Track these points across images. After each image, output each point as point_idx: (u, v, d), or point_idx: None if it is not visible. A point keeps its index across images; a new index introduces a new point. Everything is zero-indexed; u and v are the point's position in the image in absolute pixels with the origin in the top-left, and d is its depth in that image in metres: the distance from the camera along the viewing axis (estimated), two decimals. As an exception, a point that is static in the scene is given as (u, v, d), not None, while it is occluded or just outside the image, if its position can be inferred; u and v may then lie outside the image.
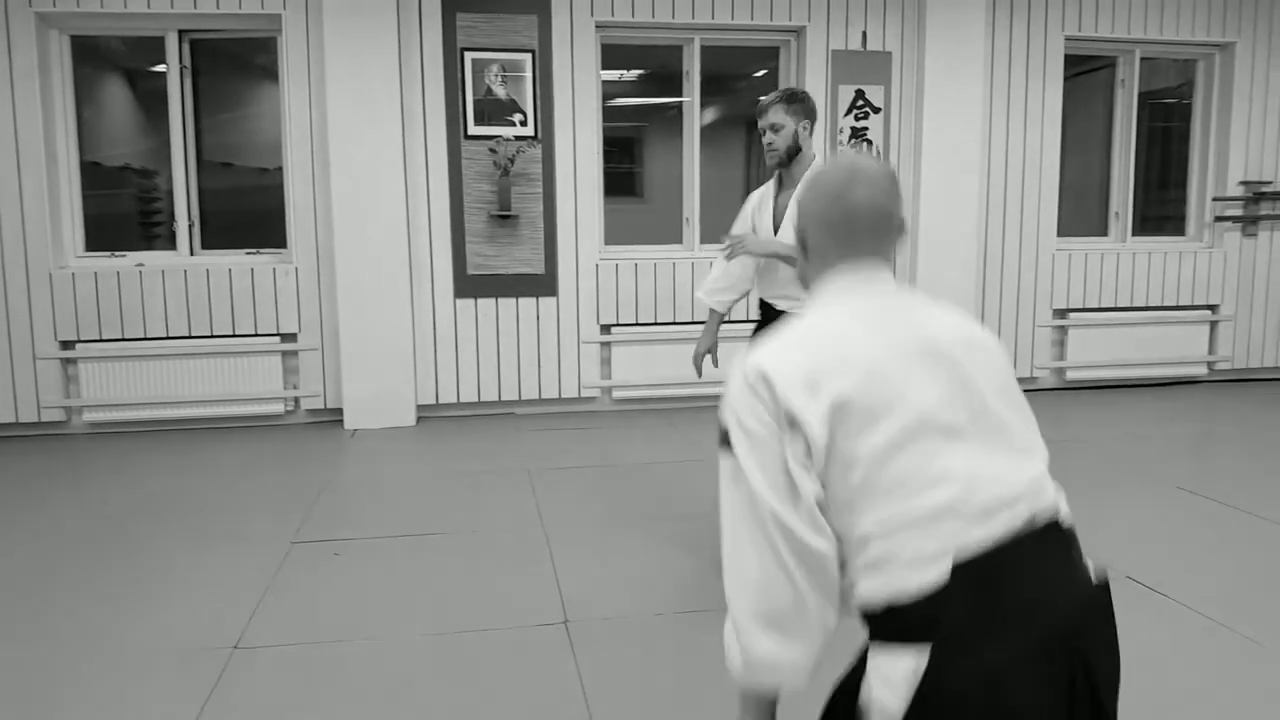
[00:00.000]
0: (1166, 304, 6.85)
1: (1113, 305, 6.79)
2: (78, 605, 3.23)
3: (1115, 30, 6.54)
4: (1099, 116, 6.95)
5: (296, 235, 5.85)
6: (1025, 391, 1.58)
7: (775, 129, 3.17)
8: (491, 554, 3.66)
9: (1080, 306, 6.76)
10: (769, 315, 3.37)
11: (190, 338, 5.78)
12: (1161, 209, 7.21)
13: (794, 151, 3.19)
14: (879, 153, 6.32)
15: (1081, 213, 6.97)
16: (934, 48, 6.19)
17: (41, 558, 3.69)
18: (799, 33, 6.24)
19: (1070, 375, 6.80)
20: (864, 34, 6.23)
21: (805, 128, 3.17)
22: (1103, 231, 6.98)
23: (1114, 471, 4.80)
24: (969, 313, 3.18)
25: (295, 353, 5.92)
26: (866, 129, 6.29)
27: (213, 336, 5.80)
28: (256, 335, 5.85)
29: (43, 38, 5.54)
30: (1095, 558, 1.32)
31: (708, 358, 3.70)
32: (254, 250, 6.01)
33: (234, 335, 5.82)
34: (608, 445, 5.46)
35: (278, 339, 5.87)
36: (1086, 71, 6.90)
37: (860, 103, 6.27)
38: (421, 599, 3.24)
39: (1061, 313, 6.77)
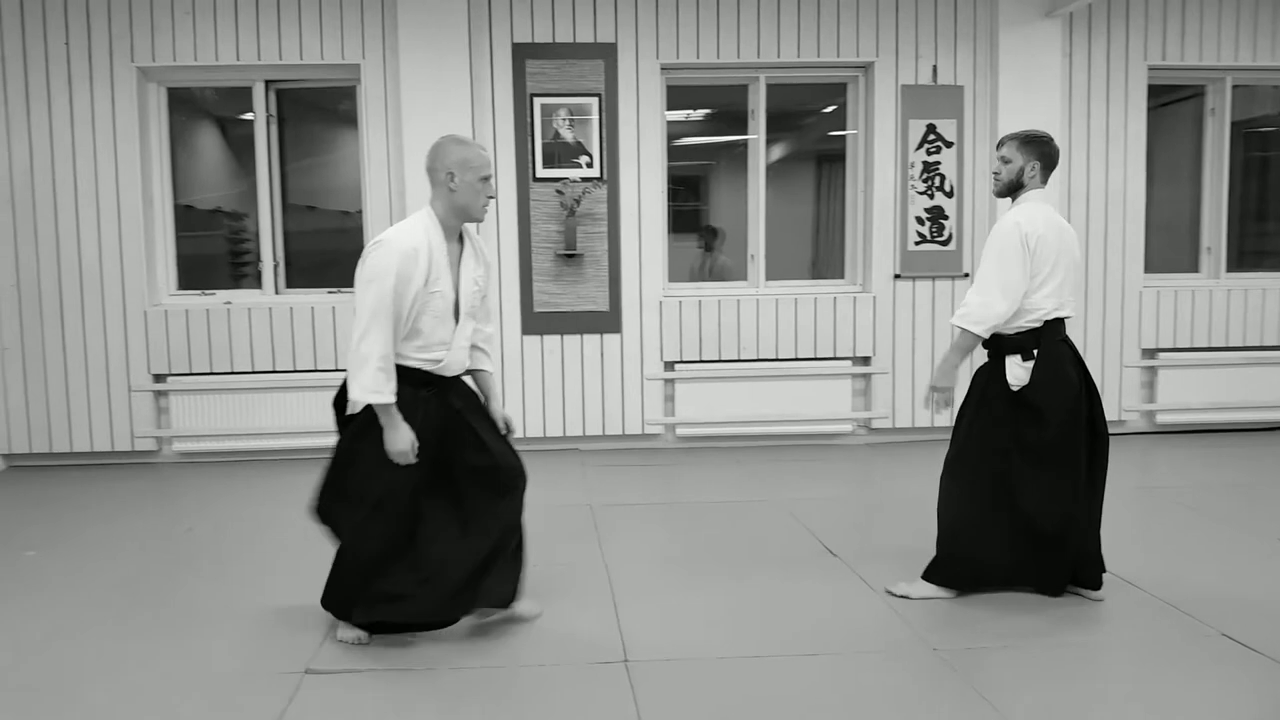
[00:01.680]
0: (1267, 344, 6.48)
1: (1206, 345, 6.46)
2: (154, 624, 3.39)
3: (1203, 58, 6.29)
4: (1188, 147, 6.67)
5: (374, 274, 6.05)
6: (1112, 435, 3.45)
7: (1005, 161, 3.39)
8: (553, 589, 3.66)
9: (1171, 346, 6.46)
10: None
11: (274, 372, 6.05)
12: (1260, 243, 6.85)
13: (1015, 186, 3.39)
14: (952, 188, 6.21)
15: (1171, 248, 6.68)
16: (1008, 80, 6.07)
17: (126, 578, 3.89)
18: (867, 68, 6.21)
19: (1161, 419, 6.48)
20: (934, 68, 6.15)
21: (1034, 168, 3.34)
22: (1194, 267, 6.67)
23: (1208, 521, 4.54)
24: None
25: (371, 387, 6.11)
26: (939, 163, 6.19)
27: (295, 371, 6.05)
28: (336, 370, 6.06)
29: (142, 90, 5.94)
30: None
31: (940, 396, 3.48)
32: (335, 289, 6.26)
33: (315, 370, 6.06)
34: (671, 483, 5.46)
35: (355, 374, 6.07)
36: (1174, 101, 6.65)
37: (932, 137, 6.18)
38: (483, 631, 3.27)
39: (1150, 352, 6.48)
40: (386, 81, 5.92)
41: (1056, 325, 3.33)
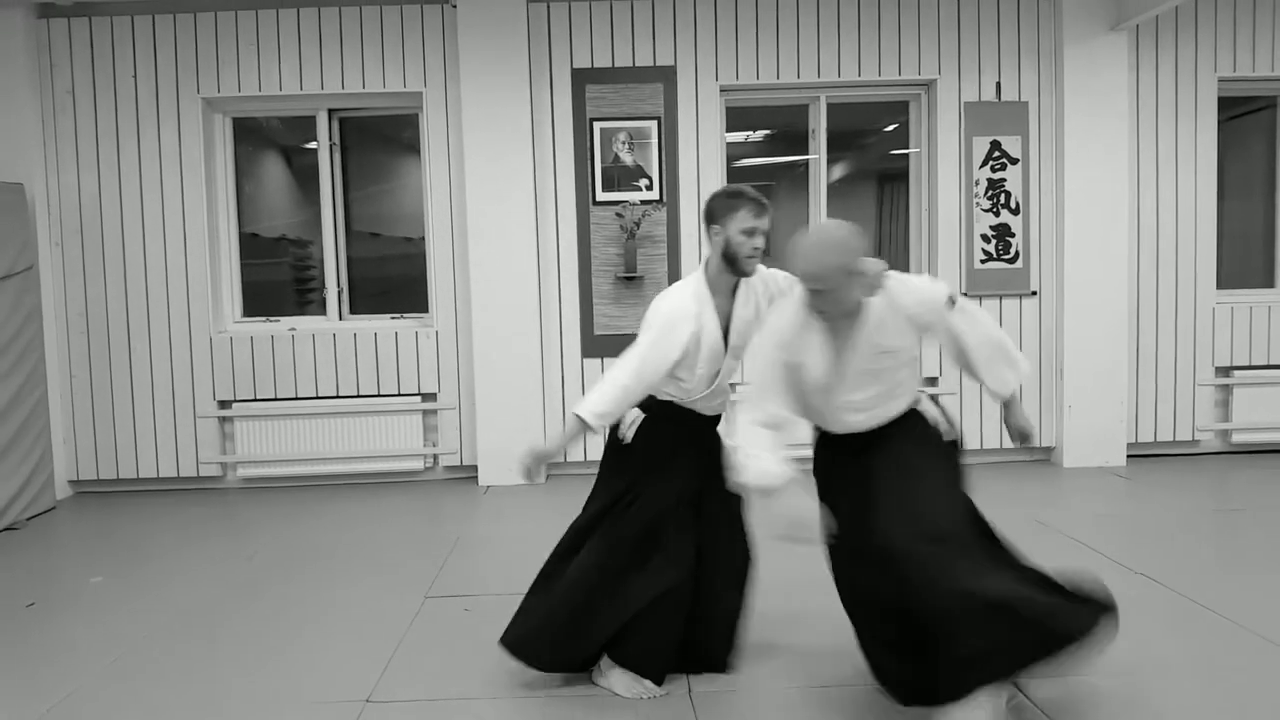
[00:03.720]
0: (1348, 360, 6.29)
1: (1284, 361, 6.29)
2: (216, 652, 3.39)
3: (1275, 69, 6.14)
4: (1262, 160, 6.51)
5: (437, 300, 6.09)
6: (1185, 455, 3.85)
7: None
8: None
9: (1246, 364, 6.28)
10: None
11: (338, 397, 6.07)
12: (1339, 257, 6.65)
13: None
14: (1018, 204, 6.11)
15: (1245, 263, 6.51)
16: (1073, 96, 5.98)
17: (190, 605, 3.90)
18: (929, 86, 6.14)
19: (1237, 438, 6.29)
20: (998, 85, 6.07)
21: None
22: (1269, 283, 6.49)
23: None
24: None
25: (435, 411, 6.13)
26: (1004, 180, 6.10)
27: (359, 396, 6.08)
28: (399, 395, 6.09)
29: (208, 121, 6.03)
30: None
31: None
32: (398, 315, 6.29)
33: (378, 395, 6.08)
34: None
35: (419, 398, 6.10)
36: (1246, 113, 6.50)
37: (997, 154, 6.09)
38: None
39: (1224, 370, 6.30)
40: (448, 108, 5.96)
41: None
